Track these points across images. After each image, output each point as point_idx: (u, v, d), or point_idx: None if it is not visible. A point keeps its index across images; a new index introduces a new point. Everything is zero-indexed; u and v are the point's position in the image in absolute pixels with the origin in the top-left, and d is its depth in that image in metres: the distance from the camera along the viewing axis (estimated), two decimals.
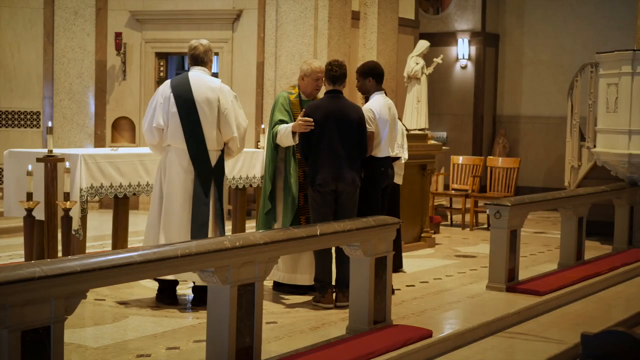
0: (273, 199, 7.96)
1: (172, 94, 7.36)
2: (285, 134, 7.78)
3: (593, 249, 11.04)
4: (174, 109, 7.35)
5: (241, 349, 5.48)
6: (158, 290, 7.67)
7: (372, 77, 8.11)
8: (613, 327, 3.35)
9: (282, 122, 7.87)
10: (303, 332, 6.84)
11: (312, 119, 7.58)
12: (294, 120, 7.82)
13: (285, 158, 7.95)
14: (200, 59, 7.52)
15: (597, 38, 16.82)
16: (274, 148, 7.91)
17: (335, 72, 7.68)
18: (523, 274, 8.95)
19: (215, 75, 17.04)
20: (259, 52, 13.73)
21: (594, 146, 12.10)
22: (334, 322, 7.09)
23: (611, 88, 11.31)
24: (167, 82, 7.50)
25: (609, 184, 11.10)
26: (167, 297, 7.61)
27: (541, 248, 11.59)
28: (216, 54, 14.63)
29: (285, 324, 7.04)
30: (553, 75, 17.63)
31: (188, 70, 7.55)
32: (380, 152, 7.94)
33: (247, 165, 9.82)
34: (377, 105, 7.99)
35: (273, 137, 7.88)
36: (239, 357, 5.46)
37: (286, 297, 8.02)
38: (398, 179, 9.19)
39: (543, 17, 17.93)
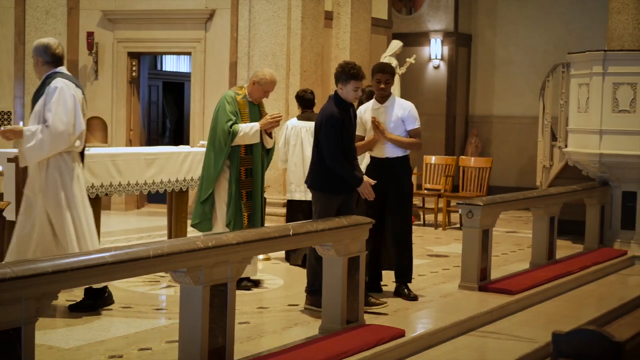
0: (212, 191, 8.13)
1: (83, 97, 7.25)
2: (251, 134, 8.04)
3: (564, 248, 11.10)
4: (83, 111, 7.19)
5: (214, 349, 5.47)
6: (91, 298, 7.35)
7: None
8: (584, 326, 3.37)
9: (234, 122, 8.05)
10: (276, 332, 6.84)
11: (280, 115, 7.97)
12: (241, 120, 8.07)
13: (230, 156, 8.13)
14: (63, 59, 7.28)
15: (568, 38, 16.91)
16: (227, 145, 8.00)
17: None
18: (495, 274, 8.99)
19: (188, 75, 16.99)
20: (232, 52, 13.71)
21: (566, 146, 12.16)
22: (306, 322, 7.09)
23: (582, 88, 11.38)
24: (69, 83, 7.10)
25: (580, 184, 11.17)
26: (101, 304, 7.42)
27: (513, 247, 11.64)
28: (189, 53, 14.62)
29: (257, 324, 7.04)
30: (525, 76, 17.71)
31: (54, 70, 7.17)
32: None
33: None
34: None
35: (233, 135, 8.01)
36: (212, 358, 5.45)
37: (260, 297, 8.03)
38: None
39: (515, 18, 18.01)
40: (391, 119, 8.03)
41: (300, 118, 10.01)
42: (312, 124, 9.73)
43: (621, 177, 11.15)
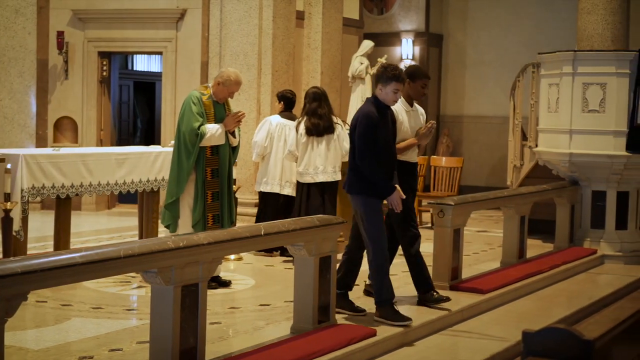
0: (178, 192, 8.08)
1: None
2: (217, 135, 8.02)
3: (535, 247, 11.15)
4: None
5: (185, 349, 5.46)
6: None
7: None
8: (554, 325, 3.39)
9: (202, 123, 8.02)
10: (247, 333, 6.83)
11: (243, 113, 8.07)
12: (207, 121, 8.04)
13: (197, 157, 8.08)
14: None
15: (539, 39, 16.99)
16: (194, 147, 7.97)
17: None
18: (466, 273, 9.02)
19: (159, 75, 16.86)
20: (203, 52, 13.67)
21: (536, 145, 12.22)
22: (278, 322, 7.09)
23: (552, 88, 11.44)
24: None
25: (551, 183, 11.22)
26: None
27: (484, 247, 11.69)
28: (160, 53, 14.56)
29: (229, 325, 7.03)
30: (496, 76, 17.78)
31: None
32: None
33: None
34: None
35: (200, 137, 7.96)
36: (183, 358, 5.43)
37: (231, 297, 8.02)
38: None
39: (486, 18, 18.08)
40: (419, 122, 7.92)
41: (283, 116, 10.29)
42: (294, 123, 10.06)
43: (591, 176, 11.22)
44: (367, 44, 14.55)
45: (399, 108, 7.67)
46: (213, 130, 7.99)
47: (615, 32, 12.41)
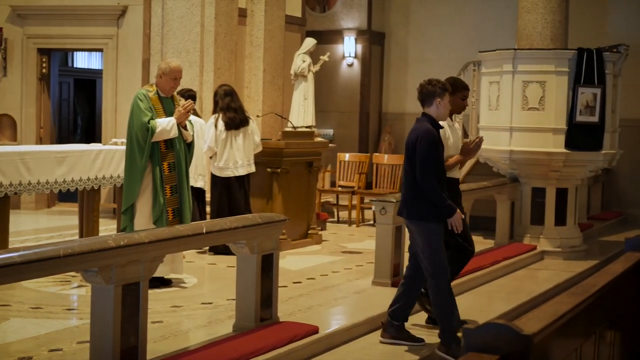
0: (135, 195, 7.98)
1: None
2: (168, 128, 7.96)
3: (476, 244, 11.16)
4: None
5: (126, 349, 5.41)
6: None
7: None
8: (494, 320, 3.42)
9: (151, 117, 7.97)
10: (189, 331, 6.81)
11: (191, 103, 8.10)
12: (157, 116, 7.99)
13: (151, 154, 8.00)
14: None
15: (480, 37, 17.13)
16: (147, 143, 7.90)
17: (418, 94, 7.05)
18: None
19: (99, 72, 16.69)
20: (144, 49, 13.58)
21: None
22: (220, 321, 7.06)
23: (493, 86, 11.54)
24: None
25: (491, 180, 11.34)
26: None
27: None
28: (100, 50, 14.43)
29: (171, 323, 6.99)
30: (437, 74, 17.55)
31: None
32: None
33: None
34: None
35: (151, 132, 7.90)
36: (124, 358, 5.39)
37: (173, 295, 7.97)
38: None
39: (428, 16, 18.20)
40: (459, 135, 7.73)
41: (193, 113, 10.52)
42: (202, 120, 10.63)
43: (530, 173, 11.35)
44: (310, 42, 14.57)
45: (444, 124, 7.23)
46: (164, 124, 7.93)
47: (555, 31, 12.59)
